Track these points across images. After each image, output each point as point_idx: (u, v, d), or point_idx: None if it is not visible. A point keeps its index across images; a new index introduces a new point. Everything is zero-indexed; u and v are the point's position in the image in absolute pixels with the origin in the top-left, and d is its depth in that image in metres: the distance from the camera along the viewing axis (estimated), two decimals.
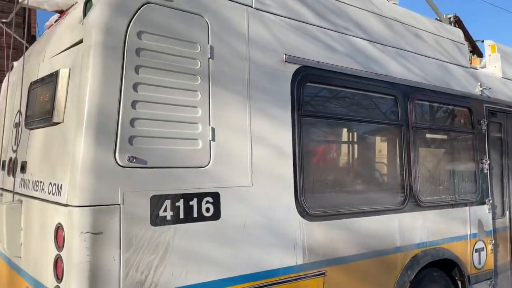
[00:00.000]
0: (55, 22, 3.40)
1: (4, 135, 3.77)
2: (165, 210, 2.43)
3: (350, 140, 3.99)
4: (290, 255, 2.92)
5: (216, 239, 2.61)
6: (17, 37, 4.79)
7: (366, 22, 3.73)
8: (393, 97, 3.81)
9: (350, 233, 3.28)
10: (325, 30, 3.40)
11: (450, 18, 5.30)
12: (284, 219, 2.93)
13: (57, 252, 2.39)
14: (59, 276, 2.36)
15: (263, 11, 3.04)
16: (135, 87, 2.41)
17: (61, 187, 2.41)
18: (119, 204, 2.29)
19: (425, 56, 4.23)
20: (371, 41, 3.73)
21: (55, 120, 2.59)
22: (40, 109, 2.84)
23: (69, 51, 2.65)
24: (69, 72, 2.57)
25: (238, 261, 2.69)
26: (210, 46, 2.70)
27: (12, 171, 3.34)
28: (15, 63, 4.28)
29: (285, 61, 3.06)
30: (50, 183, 2.57)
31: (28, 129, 3.08)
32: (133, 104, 2.40)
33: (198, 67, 2.65)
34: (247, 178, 2.78)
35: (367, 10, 3.79)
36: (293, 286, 2.92)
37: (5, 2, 12.71)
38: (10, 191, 3.20)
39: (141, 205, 2.36)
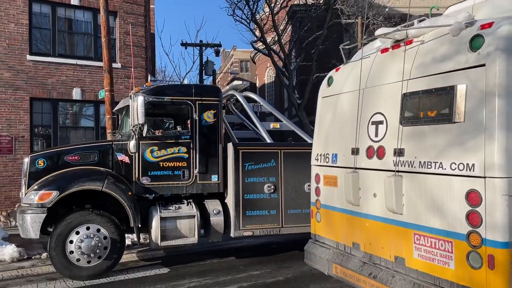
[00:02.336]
0: (393, 48, 4.58)
1: (348, 131, 5.04)
2: None
3: None
4: None
5: None
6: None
7: None
8: None
9: None
10: None
11: None
12: None
13: (470, 208, 3.52)
14: (474, 224, 3.50)
15: None
16: None
17: (473, 165, 3.51)
18: None
19: None
20: None
21: (455, 120, 3.70)
22: (431, 113, 3.97)
23: (462, 72, 3.70)
24: (466, 87, 3.63)
25: None
26: None
27: (375, 155, 4.59)
28: (334, 75, 5.59)
29: None
30: (453, 162, 3.68)
31: (403, 126, 4.23)
32: None
33: None
34: None
35: None
36: None
37: (128, 4, 14.30)
38: (365, 169, 4.71)
39: None
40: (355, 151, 4.86)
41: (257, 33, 24.71)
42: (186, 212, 7.12)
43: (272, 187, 7.50)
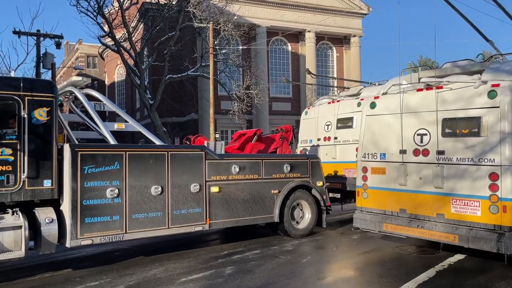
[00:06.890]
0: (426, 89, 7.40)
1: (393, 138, 7.82)
2: None
3: None
4: None
5: None
6: None
7: None
8: None
9: None
10: None
11: None
12: None
13: (491, 182, 6.45)
14: (493, 190, 6.43)
15: None
16: None
17: (493, 159, 6.44)
18: None
19: None
20: None
21: (482, 135, 6.61)
22: (465, 131, 6.84)
23: (485, 109, 6.59)
24: (487, 118, 6.56)
25: None
26: None
27: (421, 154, 7.40)
28: (376, 101, 8.30)
29: None
30: (480, 158, 6.59)
31: (444, 137, 7.09)
32: None
33: None
34: None
35: None
36: None
37: None
38: (412, 162, 7.55)
39: None
40: (402, 151, 7.64)
41: (106, 28, 23.30)
42: (10, 222, 6.23)
43: (115, 191, 7.10)
